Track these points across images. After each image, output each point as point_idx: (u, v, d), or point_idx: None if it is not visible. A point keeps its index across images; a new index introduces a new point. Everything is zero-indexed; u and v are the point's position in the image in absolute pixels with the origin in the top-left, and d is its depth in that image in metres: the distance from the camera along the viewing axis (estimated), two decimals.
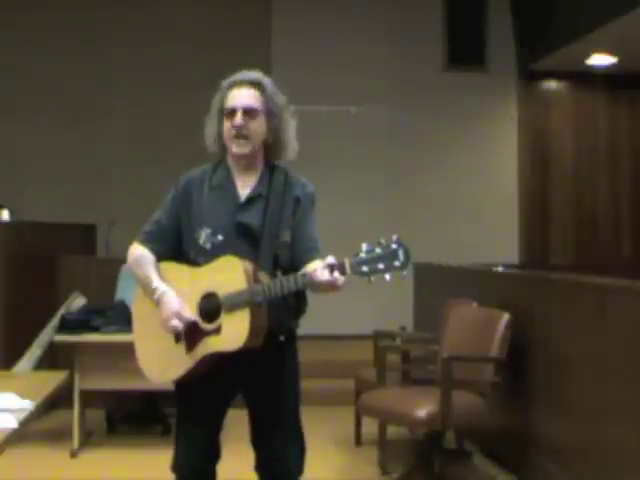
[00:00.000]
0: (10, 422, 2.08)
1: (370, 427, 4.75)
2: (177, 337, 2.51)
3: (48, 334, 5.17)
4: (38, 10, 8.05)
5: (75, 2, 8.15)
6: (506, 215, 8.50)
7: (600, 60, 8.14)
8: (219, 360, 2.47)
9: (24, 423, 2.14)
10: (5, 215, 6.37)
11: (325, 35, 8.30)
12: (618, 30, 6.88)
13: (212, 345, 2.44)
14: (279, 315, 2.50)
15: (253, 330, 2.38)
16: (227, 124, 2.55)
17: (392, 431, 4.64)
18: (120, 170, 8.14)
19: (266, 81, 2.61)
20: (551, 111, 8.72)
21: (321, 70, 8.22)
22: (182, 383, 2.59)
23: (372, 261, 2.27)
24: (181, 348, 2.50)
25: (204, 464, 2.65)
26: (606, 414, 3.45)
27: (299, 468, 2.65)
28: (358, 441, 5.00)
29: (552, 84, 8.77)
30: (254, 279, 2.42)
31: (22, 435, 2.14)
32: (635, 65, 8.19)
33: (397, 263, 2.25)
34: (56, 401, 4.01)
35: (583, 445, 3.69)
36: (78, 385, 4.73)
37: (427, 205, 8.34)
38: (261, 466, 2.65)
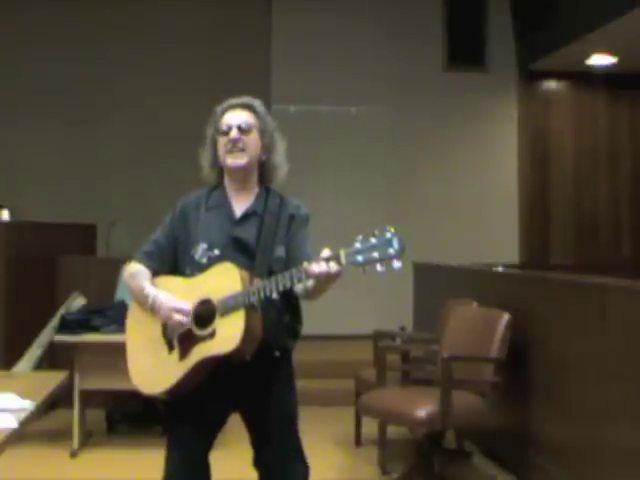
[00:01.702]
0: (10, 422, 2.07)
1: (370, 427, 4.75)
2: (170, 347, 2.49)
3: (48, 334, 5.17)
4: (38, 10, 8.06)
5: (75, 2, 8.16)
6: (506, 215, 8.50)
7: (600, 60, 8.15)
8: (215, 369, 2.44)
9: (24, 423, 2.14)
10: (5, 215, 6.36)
11: (325, 35, 8.30)
12: (618, 30, 6.89)
13: (206, 350, 2.41)
14: (274, 330, 2.49)
15: (248, 331, 2.36)
16: (223, 140, 2.59)
17: (392, 431, 4.64)
18: (120, 170, 8.14)
19: (257, 103, 2.67)
20: (551, 111, 8.73)
21: (321, 70, 8.22)
22: (175, 397, 2.55)
23: (367, 250, 2.26)
24: (174, 357, 2.48)
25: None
26: (606, 414, 3.45)
27: None
28: (358, 441, 5.00)
29: (552, 84, 8.78)
30: (249, 283, 2.41)
31: (22, 435, 2.14)
32: (635, 65, 8.19)
33: (392, 251, 2.25)
34: (56, 401, 4.01)
35: (583, 445, 3.69)
36: (78, 385, 4.73)
37: (427, 205, 8.34)
38: None
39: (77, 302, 5.40)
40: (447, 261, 6.36)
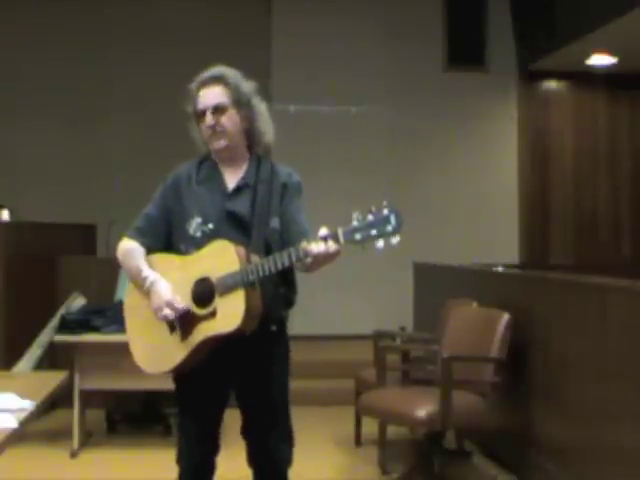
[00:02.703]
0: (10, 422, 2.07)
1: (370, 427, 4.75)
2: (172, 327, 2.49)
3: (48, 334, 5.17)
4: (38, 10, 8.06)
5: (75, 2, 8.16)
6: (506, 215, 8.50)
7: (600, 60, 8.15)
8: (216, 347, 2.46)
9: (24, 423, 2.13)
10: (5, 215, 6.36)
11: (325, 35, 8.30)
12: (618, 30, 6.89)
13: (207, 329, 2.43)
14: (271, 303, 2.50)
15: (249, 310, 2.37)
16: (202, 126, 2.62)
17: (392, 431, 4.64)
18: (120, 170, 8.13)
19: (229, 73, 2.65)
20: (551, 111, 8.73)
21: (321, 70, 8.22)
22: (180, 375, 2.59)
23: (364, 228, 2.27)
24: (176, 338, 2.49)
25: (203, 456, 2.65)
26: (606, 414, 3.45)
27: (288, 460, 2.66)
28: (358, 441, 5.00)
29: (552, 84, 8.78)
30: (247, 261, 2.41)
31: (22, 435, 2.14)
32: (635, 65, 8.19)
33: (389, 228, 2.26)
34: (56, 401, 4.01)
35: (583, 445, 3.69)
36: (78, 385, 4.73)
37: (427, 205, 8.33)
38: (251, 459, 2.67)
39: (77, 302, 5.40)
40: (447, 261, 6.36)
